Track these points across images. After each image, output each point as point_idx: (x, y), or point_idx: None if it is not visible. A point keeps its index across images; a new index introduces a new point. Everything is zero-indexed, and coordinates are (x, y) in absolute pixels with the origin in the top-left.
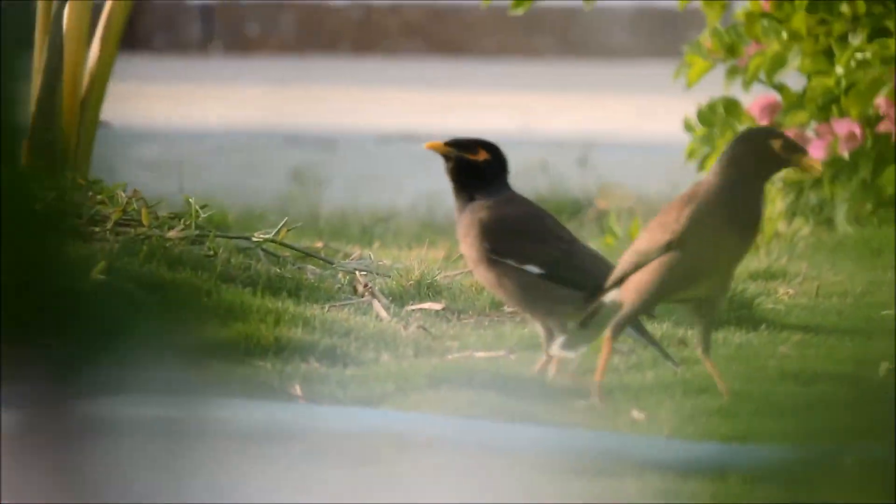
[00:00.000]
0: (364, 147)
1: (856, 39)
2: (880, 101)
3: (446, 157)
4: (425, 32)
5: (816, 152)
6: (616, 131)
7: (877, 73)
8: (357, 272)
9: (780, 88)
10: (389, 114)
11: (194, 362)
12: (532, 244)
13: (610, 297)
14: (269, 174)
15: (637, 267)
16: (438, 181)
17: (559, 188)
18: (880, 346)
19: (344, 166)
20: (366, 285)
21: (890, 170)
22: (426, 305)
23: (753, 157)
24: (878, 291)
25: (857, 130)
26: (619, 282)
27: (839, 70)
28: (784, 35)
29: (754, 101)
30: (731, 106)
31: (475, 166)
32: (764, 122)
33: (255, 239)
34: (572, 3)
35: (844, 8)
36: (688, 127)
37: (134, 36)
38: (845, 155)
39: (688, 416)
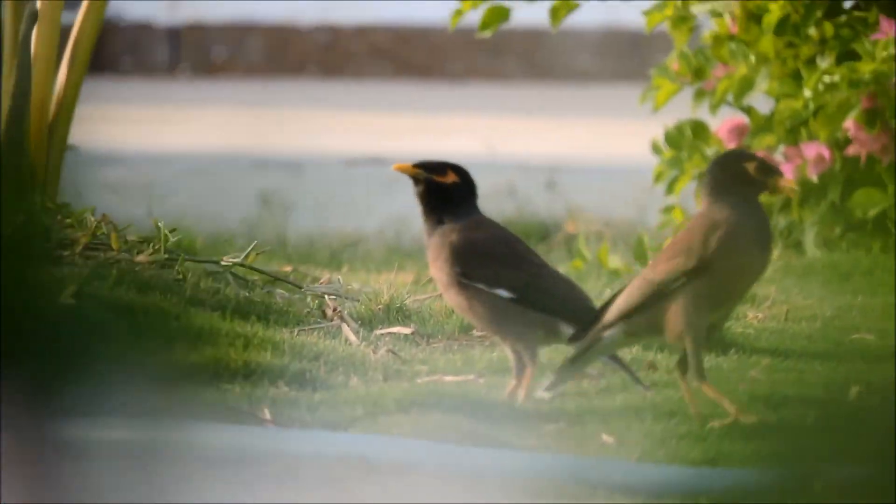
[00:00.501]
0: (331, 171)
1: (824, 62)
2: (849, 123)
3: (415, 180)
4: (392, 56)
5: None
6: (583, 154)
7: (845, 96)
8: (326, 296)
9: (748, 111)
10: (356, 137)
11: (164, 386)
12: (502, 268)
13: (609, 333)
14: (237, 198)
15: (656, 297)
16: (406, 205)
17: (527, 212)
18: (850, 369)
19: (311, 190)
20: (335, 309)
21: (859, 193)
22: (395, 329)
23: (734, 180)
24: (848, 315)
25: (826, 153)
26: (629, 315)
27: (807, 93)
28: (752, 58)
29: (722, 123)
30: (699, 129)
31: (444, 189)
32: (732, 145)
33: (223, 263)
34: (538, 27)
35: (812, 31)
36: (655, 150)
37: (102, 59)
38: (814, 178)
39: (658, 440)
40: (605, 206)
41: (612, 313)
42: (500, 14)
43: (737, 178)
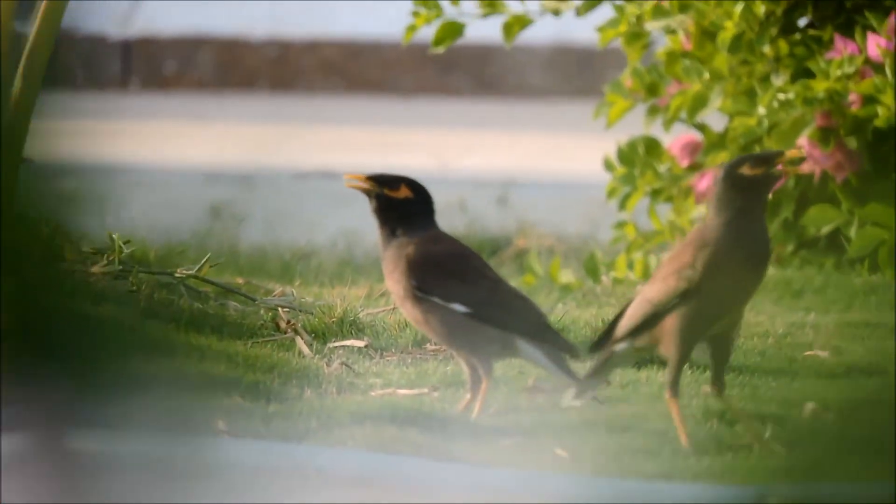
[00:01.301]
0: (282, 184)
1: (778, 80)
2: (802, 141)
3: (368, 194)
4: (342, 70)
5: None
6: (534, 170)
7: (799, 113)
8: (280, 309)
9: (702, 128)
10: (307, 151)
11: (119, 397)
12: (458, 283)
13: (620, 346)
14: (188, 210)
15: (655, 317)
16: (357, 219)
17: (478, 227)
18: (805, 386)
19: (262, 203)
20: (288, 322)
21: (812, 210)
22: (349, 342)
23: (733, 191)
24: (800, 333)
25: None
26: (633, 333)
27: (761, 110)
28: (706, 75)
29: (674, 140)
30: (652, 145)
31: (397, 203)
32: (685, 163)
33: (177, 275)
34: (489, 42)
35: (767, 49)
36: (608, 166)
37: (55, 72)
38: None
39: (612, 455)
40: (556, 222)
41: (620, 329)
42: (454, 30)
43: (735, 186)
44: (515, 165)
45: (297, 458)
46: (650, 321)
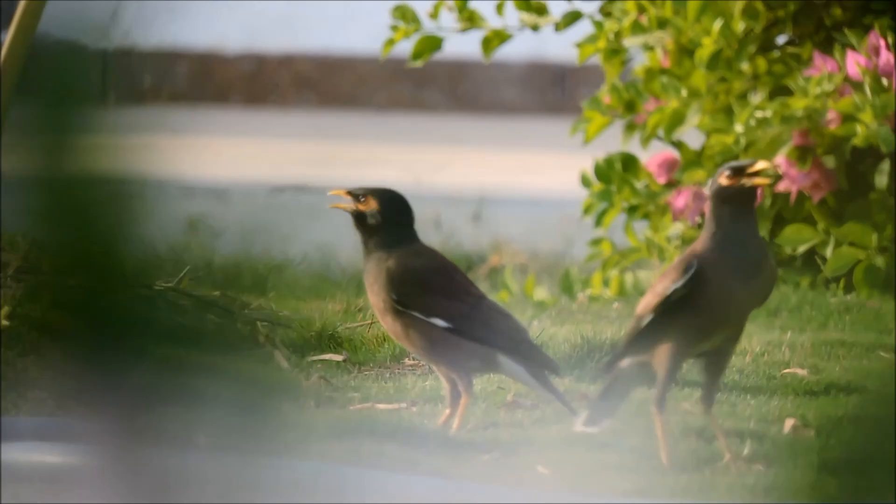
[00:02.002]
0: (256, 197)
1: (756, 98)
2: (780, 159)
3: (346, 209)
4: (317, 85)
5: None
6: (508, 187)
7: (777, 131)
8: (258, 322)
9: (679, 145)
10: (281, 165)
11: (98, 410)
12: (439, 297)
13: (626, 363)
14: (165, 223)
15: (645, 331)
16: (332, 233)
17: (452, 243)
18: (784, 403)
19: (237, 216)
20: (267, 335)
21: (789, 229)
22: (327, 356)
23: (715, 201)
24: (777, 351)
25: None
26: (628, 349)
27: (739, 128)
28: (683, 92)
29: (652, 157)
30: (629, 162)
31: (367, 216)
32: (662, 179)
33: (156, 287)
34: (463, 59)
35: (745, 66)
36: (585, 182)
37: (28, 84)
38: None
39: (591, 472)
40: (530, 239)
41: (619, 346)
42: (433, 44)
43: (716, 197)
44: (490, 182)
45: (275, 472)
46: (642, 336)
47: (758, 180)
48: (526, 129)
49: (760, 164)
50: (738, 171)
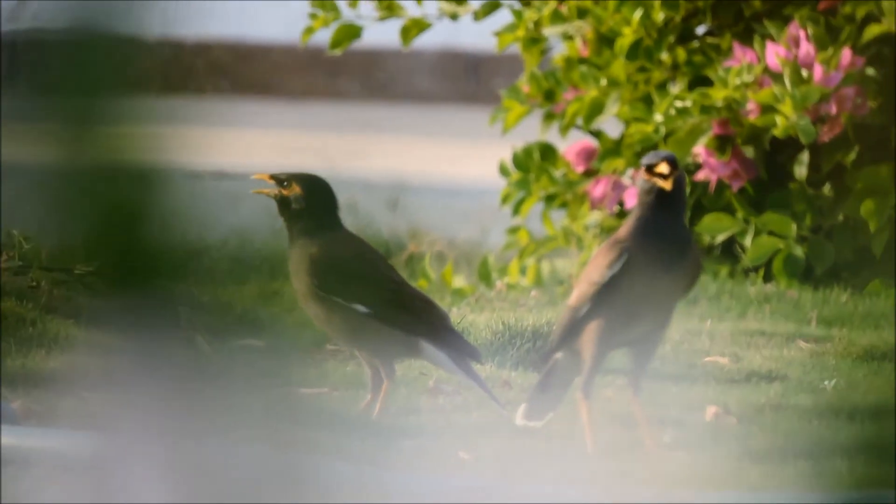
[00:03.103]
0: (174, 183)
1: (675, 88)
2: (699, 149)
3: (269, 194)
4: (232, 72)
5: (632, 200)
6: (425, 175)
7: (696, 121)
8: (179, 307)
9: (598, 134)
10: (197, 153)
11: (20, 392)
12: (361, 283)
13: (560, 355)
14: (81, 210)
15: (576, 322)
16: (248, 218)
17: (369, 231)
18: (706, 391)
19: (155, 203)
20: (188, 320)
21: (708, 218)
22: (248, 342)
23: (639, 189)
24: (697, 339)
25: None
26: (564, 340)
27: (658, 118)
28: (603, 81)
29: (570, 146)
30: (547, 151)
31: (290, 201)
32: (580, 168)
33: (76, 272)
34: (377, 47)
35: (665, 56)
36: (503, 171)
37: None
38: None
39: (514, 458)
40: (448, 227)
41: (552, 338)
42: (352, 32)
43: (639, 185)
44: (407, 170)
45: (197, 457)
46: (571, 326)
47: (657, 181)
48: (441, 118)
49: (662, 167)
50: (648, 169)
